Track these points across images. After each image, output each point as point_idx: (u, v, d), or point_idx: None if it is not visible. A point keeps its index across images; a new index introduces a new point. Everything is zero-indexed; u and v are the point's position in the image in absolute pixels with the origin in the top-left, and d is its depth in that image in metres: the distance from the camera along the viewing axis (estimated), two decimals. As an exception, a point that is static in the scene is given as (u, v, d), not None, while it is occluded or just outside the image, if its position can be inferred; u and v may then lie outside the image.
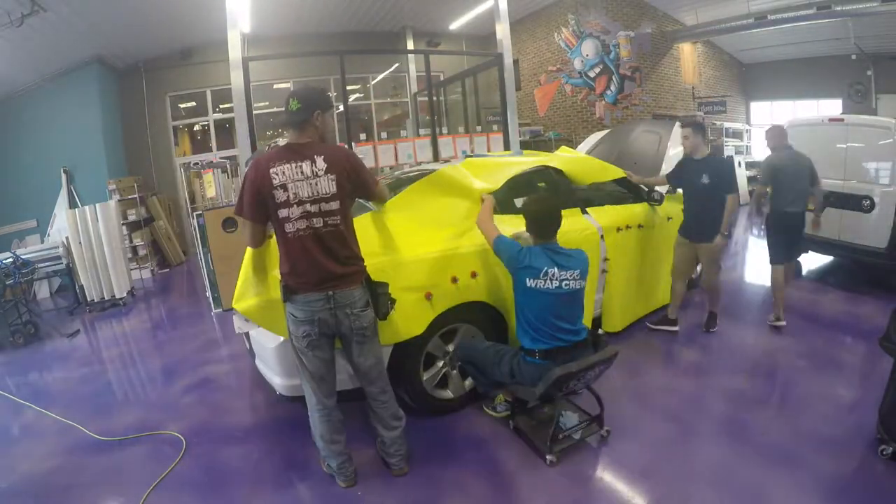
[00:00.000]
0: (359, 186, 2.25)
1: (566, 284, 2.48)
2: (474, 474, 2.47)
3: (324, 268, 2.13)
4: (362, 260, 2.27)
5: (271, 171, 2.08)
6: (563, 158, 3.90)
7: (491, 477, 2.46)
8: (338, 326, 2.19)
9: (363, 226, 2.58)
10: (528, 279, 2.48)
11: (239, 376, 3.86)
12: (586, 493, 2.32)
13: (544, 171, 3.66)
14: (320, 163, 2.10)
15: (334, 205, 2.12)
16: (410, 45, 10.24)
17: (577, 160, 3.98)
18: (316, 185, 2.09)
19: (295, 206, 2.08)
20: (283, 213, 2.09)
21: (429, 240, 2.83)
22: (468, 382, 3.03)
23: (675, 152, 4.36)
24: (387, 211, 2.78)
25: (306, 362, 2.24)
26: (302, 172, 2.09)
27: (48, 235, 7.69)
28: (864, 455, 2.42)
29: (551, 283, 2.46)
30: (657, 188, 4.13)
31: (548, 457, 2.48)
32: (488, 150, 6.84)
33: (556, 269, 2.47)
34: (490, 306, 2.98)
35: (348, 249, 2.19)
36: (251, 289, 2.43)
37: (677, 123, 4.66)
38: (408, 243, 2.75)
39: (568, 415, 2.72)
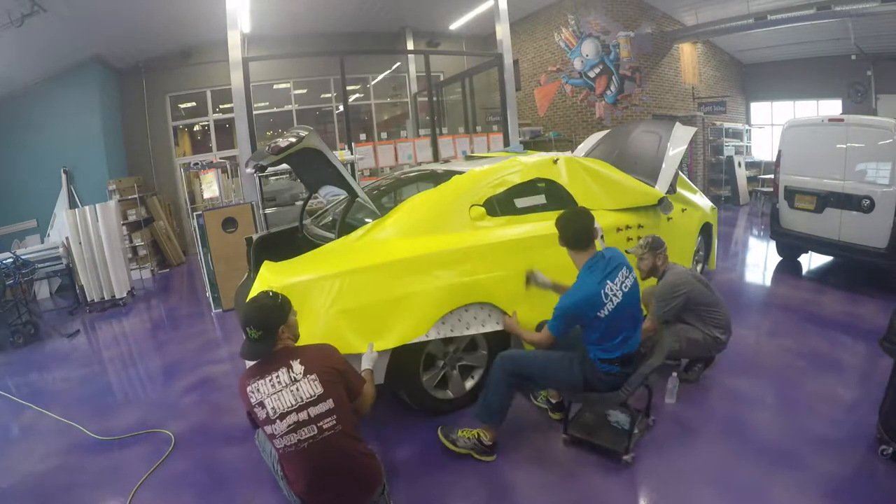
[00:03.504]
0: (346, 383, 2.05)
1: (625, 286, 2.39)
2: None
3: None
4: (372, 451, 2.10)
5: (248, 389, 1.97)
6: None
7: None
8: None
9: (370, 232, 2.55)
10: (598, 313, 2.32)
11: (239, 376, 3.85)
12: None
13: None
14: (297, 366, 1.95)
15: (324, 406, 1.91)
16: (410, 46, 10.23)
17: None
18: (297, 390, 1.92)
19: (277, 421, 1.90)
20: (268, 430, 1.94)
21: (431, 242, 2.84)
22: (468, 383, 3.03)
23: (675, 152, 4.36)
24: (391, 216, 2.79)
25: None
26: (279, 382, 1.93)
27: (48, 235, 7.67)
28: (864, 455, 2.42)
29: (615, 299, 2.34)
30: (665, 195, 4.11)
31: (624, 457, 2.46)
32: (488, 150, 6.84)
33: (610, 283, 2.35)
34: (493, 307, 2.97)
35: (356, 447, 2.00)
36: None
37: (677, 123, 4.66)
38: (410, 246, 2.78)
39: (615, 414, 2.71)
